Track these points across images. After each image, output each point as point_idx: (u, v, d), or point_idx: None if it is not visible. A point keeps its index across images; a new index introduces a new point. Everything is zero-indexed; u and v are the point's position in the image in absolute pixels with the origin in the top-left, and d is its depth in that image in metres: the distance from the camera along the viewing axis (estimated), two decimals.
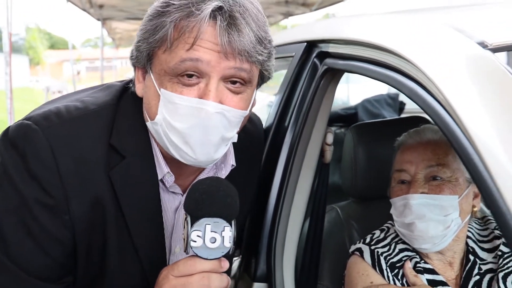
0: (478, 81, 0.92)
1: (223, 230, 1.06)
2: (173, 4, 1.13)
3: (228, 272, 1.15)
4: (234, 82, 1.17)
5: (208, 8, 1.10)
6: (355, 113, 3.69)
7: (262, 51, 1.17)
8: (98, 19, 11.49)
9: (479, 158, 0.84)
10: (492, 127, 0.85)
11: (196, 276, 1.08)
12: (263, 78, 1.27)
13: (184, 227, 1.08)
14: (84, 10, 10.32)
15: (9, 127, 1.20)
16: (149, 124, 1.22)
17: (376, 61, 1.24)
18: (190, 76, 1.14)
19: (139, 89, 1.26)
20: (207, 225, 1.05)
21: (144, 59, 1.19)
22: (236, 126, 1.21)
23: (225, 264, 1.10)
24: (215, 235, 1.06)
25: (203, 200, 1.07)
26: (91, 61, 65.26)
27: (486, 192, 0.82)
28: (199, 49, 1.11)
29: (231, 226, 1.08)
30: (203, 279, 1.08)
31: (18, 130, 1.16)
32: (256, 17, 1.17)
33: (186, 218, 1.08)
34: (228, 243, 1.07)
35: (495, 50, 0.96)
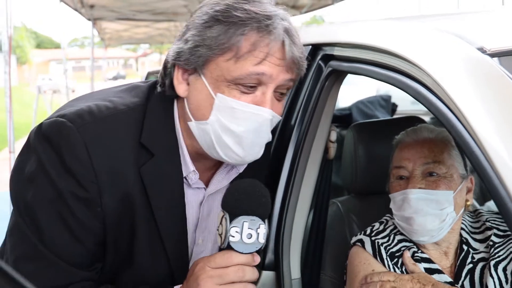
0: (477, 83, 0.99)
1: (258, 228, 1.15)
2: (236, 15, 1.19)
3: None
4: (280, 91, 1.28)
5: (279, 27, 1.20)
6: (350, 114, 3.76)
7: (305, 65, 1.29)
8: (89, 19, 11.45)
9: (481, 152, 0.91)
10: (492, 124, 0.92)
11: (232, 268, 1.15)
12: None
13: (221, 223, 1.16)
14: (76, 10, 10.30)
15: (41, 123, 1.24)
16: (193, 123, 1.28)
17: (381, 64, 1.30)
18: (251, 85, 1.22)
19: (181, 89, 1.28)
20: (244, 222, 1.14)
21: (199, 63, 1.23)
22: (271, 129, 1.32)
23: (257, 258, 1.18)
24: (251, 232, 1.14)
25: (242, 199, 1.16)
26: (77, 61, 64.60)
27: (489, 183, 0.89)
28: (266, 63, 1.20)
29: (265, 223, 1.16)
30: (238, 271, 1.15)
31: (53, 127, 1.20)
32: (298, 33, 1.27)
33: (224, 216, 1.16)
34: (262, 239, 1.15)
35: (493, 55, 1.03)
